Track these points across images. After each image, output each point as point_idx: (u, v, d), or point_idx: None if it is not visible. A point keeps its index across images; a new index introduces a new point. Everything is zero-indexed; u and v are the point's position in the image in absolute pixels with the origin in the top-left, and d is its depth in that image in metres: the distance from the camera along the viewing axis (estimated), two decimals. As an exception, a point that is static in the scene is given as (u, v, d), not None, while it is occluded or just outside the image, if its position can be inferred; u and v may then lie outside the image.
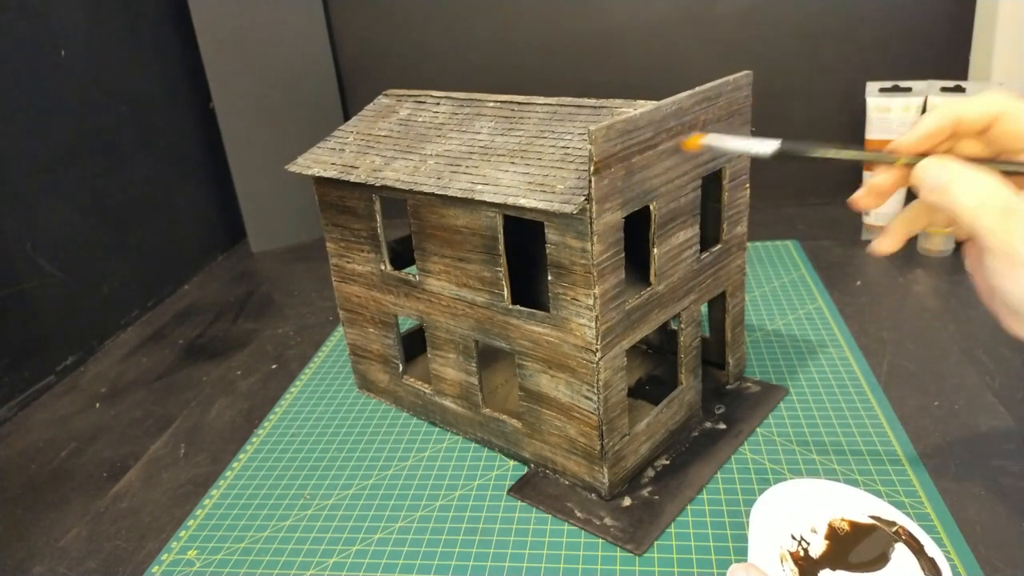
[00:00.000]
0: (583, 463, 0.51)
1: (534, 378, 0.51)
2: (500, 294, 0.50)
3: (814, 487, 0.43)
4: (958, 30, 0.93)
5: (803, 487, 0.43)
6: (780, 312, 0.74)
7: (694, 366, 0.55)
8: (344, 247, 0.61)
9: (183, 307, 0.92)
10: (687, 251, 0.52)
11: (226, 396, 0.70)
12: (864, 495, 0.42)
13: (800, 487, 0.43)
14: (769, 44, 0.97)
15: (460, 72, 1.05)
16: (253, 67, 0.99)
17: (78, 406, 0.72)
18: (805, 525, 0.41)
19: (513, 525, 0.50)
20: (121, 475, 0.61)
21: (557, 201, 0.43)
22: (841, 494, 0.42)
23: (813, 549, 0.39)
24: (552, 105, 0.53)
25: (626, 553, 0.46)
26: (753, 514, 0.41)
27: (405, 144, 0.56)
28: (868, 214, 0.88)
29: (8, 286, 0.72)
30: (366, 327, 0.63)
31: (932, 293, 0.76)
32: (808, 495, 0.42)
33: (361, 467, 0.58)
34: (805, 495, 0.42)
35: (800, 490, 0.43)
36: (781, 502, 0.42)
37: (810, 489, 0.43)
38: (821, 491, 0.42)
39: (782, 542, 0.40)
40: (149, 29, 0.95)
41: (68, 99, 0.81)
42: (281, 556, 0.49)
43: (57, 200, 0.79)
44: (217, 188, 1.08)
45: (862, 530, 0.40)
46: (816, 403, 0.59)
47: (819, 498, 0.42)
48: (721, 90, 0.50)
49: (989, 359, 0.63)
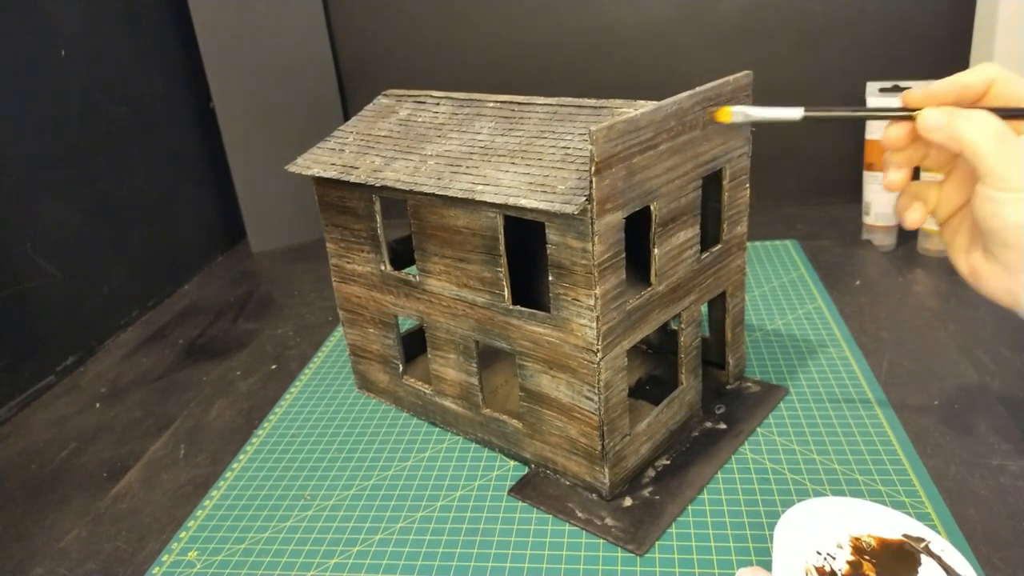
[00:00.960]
0: (584, 463, 0.51)
1: (535, 378, 0.51)
2: (501, 294, 0.50)
3: (840, 504, 0.42)
4: (958, 30, 0.93)
5: (829, 504, 0.42)
6: (780, 312, 0.74)
7: (694, 366, 0.55)
8: (344, 247, 0.61)
9: (183, 307, 0.92)
10: (687, 251, 0.52)
11: (226, 396, 0.70)
12: (892, 512, 0.41)
13: (826, 504, 0.42)
14: (769, 44, 0.97)
15: (460, 72, 1.05)
16: (253, 67, 0.99)
17: (78, 406, 0.72)
18: (831, 541, 0.40)
19: (514, 526, 0.50)
20: (121, 475, 0.61)
21: (558, 201, 0.43)
22: (868, 511, 0.41)
23: (838, 565, 0.38)
24: (552, 105, 0.53)
25: (627, 553, 0.46)
26: (777, 530, 0.40)
27: (405, 144, 0.56)
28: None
29: (8, 286, 0.72)
30: (366, 327, 0.63)
31: (932, 293, 0.76)
32: (834, 512, 0.41)
33: (361, 467, 0.58)
34: (831, 512, 0.41)
35: (826, 507, 0.42)
36: (806, 519, 0.41)
37: (836, 506, 0.42)
38: (847, 508, 0.41)
39: (807, 558, 0.39)
40: (149, 29, 0.95)
41: (68, 99, 0.81)
42: (282, 557, 0.49)
43: (57, 200, 0.79)
44: (217, 188, 1.08)
45: (889, 546, 0.39)
46: (816, 403, 0.59)
47: (845, 515, 0.41)
48: (721, 90, 0.50)
49: (989, 359, 0.63)
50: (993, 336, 0.66)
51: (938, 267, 0.81)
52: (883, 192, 0.86)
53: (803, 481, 0.51)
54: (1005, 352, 0.64)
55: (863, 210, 0.89)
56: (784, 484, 0.51)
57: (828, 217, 0.99)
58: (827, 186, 1.03)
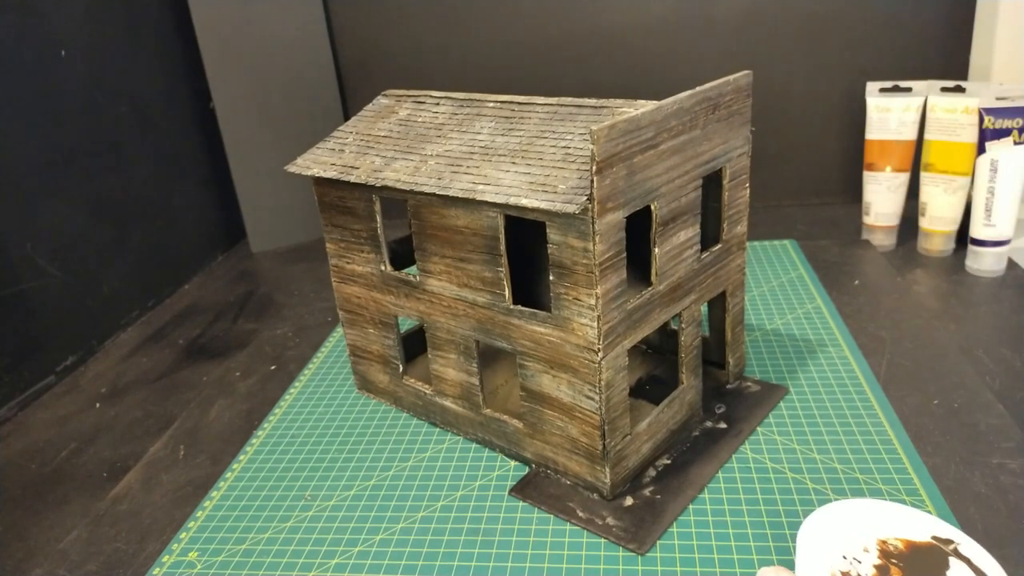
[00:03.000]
0: (585, 463, 0.51)
1: (535, 378, 0.51)
2: (501, 294, 0.50)
3: (865, 506, 0.41)
4: (958, 30, 0.93)
5: (854, 507, 0.41)
6: (779, 312, 0.74)
7: (695, 366, 0.55)
8: (344, 247, 0.61)
9: (183, 307, 0.92)
10: (688, 251, 0.52)
11: (226, 397, 0.70)
12: (920, 514, 0.40)
13: (851, 507, 0.41)
14: (769, 44, 0.97)
15: (460, 72, 1.05)
16: (253, 67, 0.99)
17: (78, 406, 0.72)
18: (857, 545, 0.39)
19: (515, 526, 0.50)
20: (121, 476, 0.61)
21: (559, 201, 0.43)
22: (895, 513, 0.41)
23: (865, 569, 0.38)
24: (552, 105, 0.53)
25: (629, 553, 0.46)
26: (801, 534, 0.40)
27: (405, 144, 0.56)
28: (869, 212, 0.88)
29: (8, 286, 0.72)
30: (366, 328, 0.63)
31: (931, 293, 0.76)
32: (859, 515, 0.41)
33: (362, 468, 0.58)
34: (856, 515, 0.41)
35: (851, 509, 0.41)
36: (830, 522, 0.40)
37: (861, 508, 0.41)
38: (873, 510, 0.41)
39: (832, 562, 0.38)
40: (149, 29, 0.95)
41: (68, 99, 0.81)
42: (283, 558, 0.49)
43: (57, 200, 0.79)
44: (217, 188, 1.08)
45: (918, 549, 0.38)
46: (816, 402, 0.59)
47: (871, 517, 0.40)
48: (721, 90, 0.50)
49: (988, 358, 0.63)
50: (993, 336, 0.67)
51: (938, 267, 0.81)
52: (883, 192, 0.86)
53: (803, 480, 0.51)
54: (1005, 352, 0.64)
55: (863, 210, 0.89)
56: (785, 483, 0.51)
57: (828, 217, 0.99)
58: (827, 186, 1.03)
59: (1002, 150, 0.75)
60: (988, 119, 0.77)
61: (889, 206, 0.87)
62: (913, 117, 0.83)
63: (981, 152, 0.77)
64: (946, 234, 0.83)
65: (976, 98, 0.78)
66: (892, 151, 0.85)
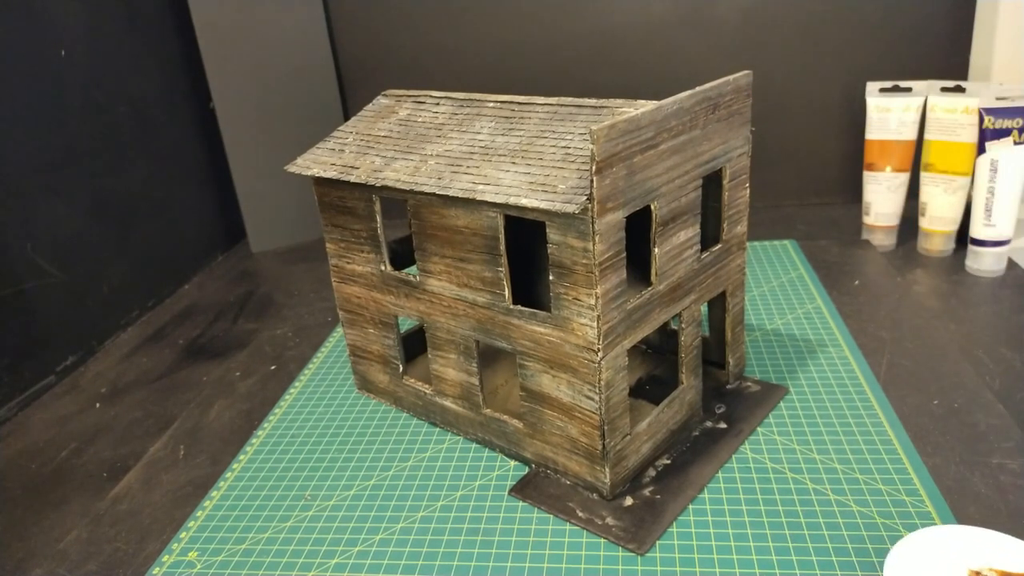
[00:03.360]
0: (585, 463, 0.51)
1: (535, 378, 0.51)
2: (501, 294, 0.50)
3: (957, 533, 0.40)
4: (958, 30, 0.93)
5: (944, 534, 0.40)
6: (779, 312, 0.74)
7: (695, 366, 0.55)
8: (344, 247, 0.61)
9: (183, 307, 0.92)
10: (688, 251, 0.52)
11: (226, 397, 0.70)
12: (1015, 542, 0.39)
13: (941, 534, 0.40)
14: (769, 44, 0.97)
15: (460, 72, 1.05)
16: (253, 67, 0.99)
17: (78, 406, 0.72)
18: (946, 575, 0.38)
19: (515, 525, 0.50)
20: (121, 476, 0.61)
21: (559, 201, 0.43)
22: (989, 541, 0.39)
23: None
24: (552, 105, 0.53)
25: (628, 553, 0.46)
26: (888, 563, 0.38)
27: (405, 144, 0.56)
28: (869, 213, 0.88)
29: (8, 286, 0.72)
30: (366, 328, 0.63)
31: (932, 293, 0.76)
32: (950, 543, 0.39)
33: (362, 468, 0.58)
34: (947, 543, 0.39)
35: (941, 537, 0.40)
36: (919, 550, 0.39)
37: (952, 536, 0.40)
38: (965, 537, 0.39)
39: None
40: (149, 29, 0.95)
41: (68, 99, 0.81)
42: (282, 557, 0.49)
43: (57, 200, 0.79)
44: (217, 188, 1.08)
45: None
46: (816, 402, 0.59)
47: (963, 545, 0.39)
48: (721, 90, 0.50)
49: (988, 358, 0.63)
50: (993, 336, 0.67)
51: (938, 267, 0.81)
52: (883, 192, 0.86)
53: (803, 480, 0.51)
54: (1005, 352, 0.64)
55: (863, 210, 0.89)
56: (785, 483, 0.51)
57: (828, 217, 0.99)
58: (827, 186, 1.03)
59: (1002, 150, 0.75)
60: (988, 119, 0.77)
61: (889, 206, 0.87)
62: (913, 117, 0.83)
63: (981, 152, 0.77)
64: (946, 234, 0.83)
65: (976, 98, 0.78)
66: (892, 151, 0.85)
